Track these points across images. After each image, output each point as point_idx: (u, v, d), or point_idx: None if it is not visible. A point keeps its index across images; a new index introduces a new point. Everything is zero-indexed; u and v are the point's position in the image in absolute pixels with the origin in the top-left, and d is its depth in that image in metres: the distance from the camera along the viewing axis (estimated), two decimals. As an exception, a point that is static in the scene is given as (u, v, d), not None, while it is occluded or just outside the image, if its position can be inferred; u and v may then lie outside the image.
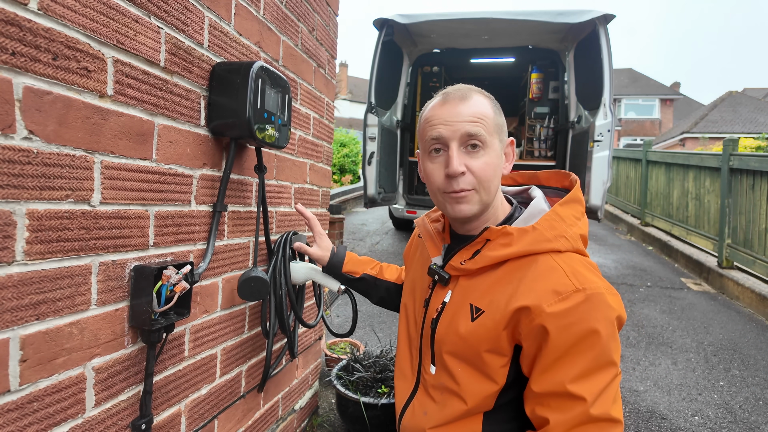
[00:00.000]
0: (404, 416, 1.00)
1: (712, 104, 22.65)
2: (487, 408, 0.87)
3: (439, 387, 0.92)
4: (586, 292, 0.76)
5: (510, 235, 0.84)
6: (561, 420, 0.76)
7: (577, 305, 0.75)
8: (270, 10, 1.39)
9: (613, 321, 0.77)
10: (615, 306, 0.78)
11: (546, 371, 0.78)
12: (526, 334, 0.79)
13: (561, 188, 0.99)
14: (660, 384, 2.76)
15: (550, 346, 0.76)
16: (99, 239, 0.82)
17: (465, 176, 0.85)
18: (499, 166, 0.88)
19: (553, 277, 0.79)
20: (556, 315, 0.76)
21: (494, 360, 0.84)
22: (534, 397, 0.80)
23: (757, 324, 3.84)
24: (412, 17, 4.57)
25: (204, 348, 1.18)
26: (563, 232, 0.84)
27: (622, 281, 4.93)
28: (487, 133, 0.85)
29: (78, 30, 0.75)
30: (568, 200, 0.89)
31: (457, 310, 0.89)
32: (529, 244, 0.83)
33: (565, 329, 0.75)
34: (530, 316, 0.78)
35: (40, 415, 0.74)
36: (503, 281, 0.84)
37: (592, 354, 0.75)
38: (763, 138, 13.13)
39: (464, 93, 0.87)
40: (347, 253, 1.31)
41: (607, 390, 0.76)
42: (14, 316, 0.68)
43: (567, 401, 0.76)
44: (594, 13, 4.12)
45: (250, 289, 1.24)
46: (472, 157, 0.85)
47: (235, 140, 1.16)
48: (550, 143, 5.83)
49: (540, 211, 0.89)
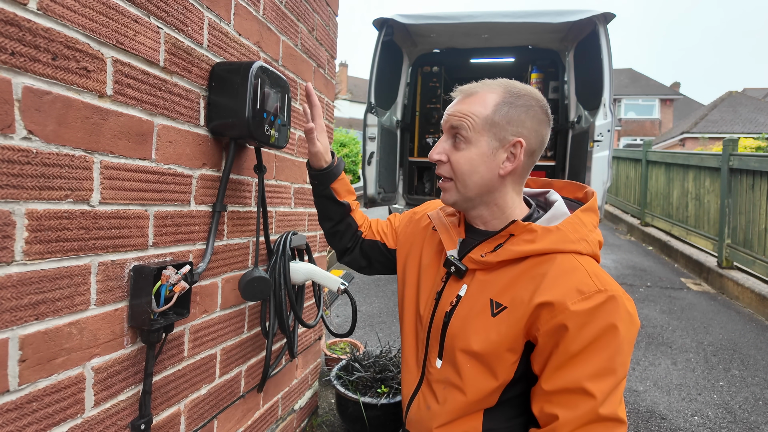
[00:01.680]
0: (411, 409, 1.01)
1: (712, 104, 22.65)
2: (490, 404, 0.88)
3: (442, 381, 0.93)
4: (608, 293, 0.78)
5: (534, 232, 0.85)
6: (570, 417, 0.77)
7: (599, 305, 0.77)
8: (269, 10, 1.38)
9: (630, 324, 0.78)
10: (631, 309, 0.79)
11: (560, 368, 0.79)
12: (545, 330, 0.80)
13: (574, 199, 1.00)
14: (660, 384, 2.76)
15: (568, 344, 0.77)
16: (98, 239, 0.82)
17: (445, 165, 0.91)
18: (482, 164, 0.88)
19: (576, 276, 0.80)
20: (579, 314, 0.77)
21: (510, 357, 0.85)
22: (543, 395, 0.81)
23: (756, 324, 3.84)
24: (412, 17, 4.56)
25: (203, 348, 1.18)
26: (585, 236, 0.86)
27: (622, 281, 4.93)
28: (472, 130, 0.87)
29: (77, 30, 0.75)
30: (587, 209, 0.92)
31: (473, 304, 0.89)
32: (553, 243, 0.84)
33: (585, 327, 0.77)
34: (552, 312, 0.79)
35: (40, 415, 0.74)
36: (525, 277, 0.85)
37: (608, 352, 0.76)
38: (763, 138, 13.13)
39: (469, 90, 0.91)
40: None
41: (616, 391, 0.77)
42: (13, 316, 0.68)
43: (578, 398, 0.77)
44: (594, 12, 4.11)
45: (253, 290, 1.23)
46: (455, 149, 0.90)
47: (234, 140, 1.16)
48: (550, 143, 5.83)
49: (563, 214, 0.91)
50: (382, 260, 1.20)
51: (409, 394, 1.02)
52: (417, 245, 1.10)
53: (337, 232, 1.22)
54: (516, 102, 0.89)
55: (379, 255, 1.20)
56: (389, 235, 1.21)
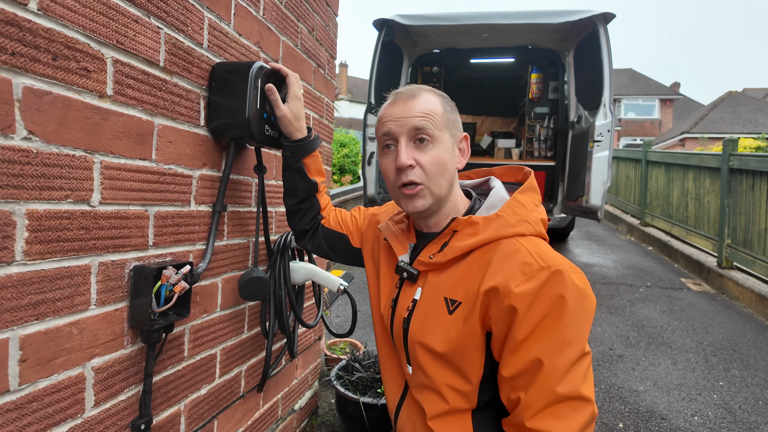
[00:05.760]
0: (400, 416, 1.00)
1: (711, 104, 22.65)
2: (472, 406, 0.87)
3: (419, 386, 0.92)
4: (551, 269, 0.78)
5: (476, 224, 0.86)
6: (531, 398, 0.76)
7: (543, 282, 0.77)
8: (270, 11, 1.39)
9: (578, 295, 0.77)
10: (579, 283, 0.78)
11: (516, 351, 0.78)
12: (496, 316, 0.80)
13: (515, 182, 1.01)
14: (660, 384, 2.77)
15: (519, 326, 0.77)
16: (98, 239, 0.82)
17: (414, 169, 0.88)
18: (449, 160, 0.91)
19: (518, 257, 0.81)
20: (524, 295, 0.77)
21: (474, 352, 0.84)
22: (505, 382, 0.80)
23: (756, 324, 3.84)
24: (411, 18, 4.57)
25: (203, 348, 1.18)
26: (526, 217, 0.87)
27: (622, 281, 4.93)
28: (436, 128, 0.89)
29: (78, 30, 0.75)
30: (526, 189, 0.92)
31: (429, 306, 0.89)
32: (495, 231, 0.85)
33: (532, 306, 0.77)
34: (499, 297, 0.79)
35: (40, 415, 0.74)
36: (473, 269, 0.85)
37: (560, 326, 0.76)
38: (763, 138, 13.14)
39: (413, 92, 0.92)
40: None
41: (577, 367, 0.76)
42: (14, 316, 0.69)
43: (535, 376, 0.76)
44: (593, 12, 4.12)
45: (251, 290, 1.24)
46: (420, 151, 0.88)
47: (234, 140, 1.16)
48: (550, 143, 5.84)
49: (501, 199, 0.92)
50: (346, 255, 1.20)
51: (396, 402, 1.01)
52: (376, 250, 1.10)
53: (299, 210, 1.21)
54: (448, 102, 0.94)
55: (344, 248, 1.20)
56: (355, 233, 1.19)
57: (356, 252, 1.18)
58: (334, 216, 1.23)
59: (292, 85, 1.17)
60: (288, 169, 1.18)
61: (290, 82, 1.17)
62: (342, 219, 1.22)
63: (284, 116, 1.13)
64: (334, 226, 1.21)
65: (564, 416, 0.74)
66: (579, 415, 0.75)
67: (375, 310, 1.05)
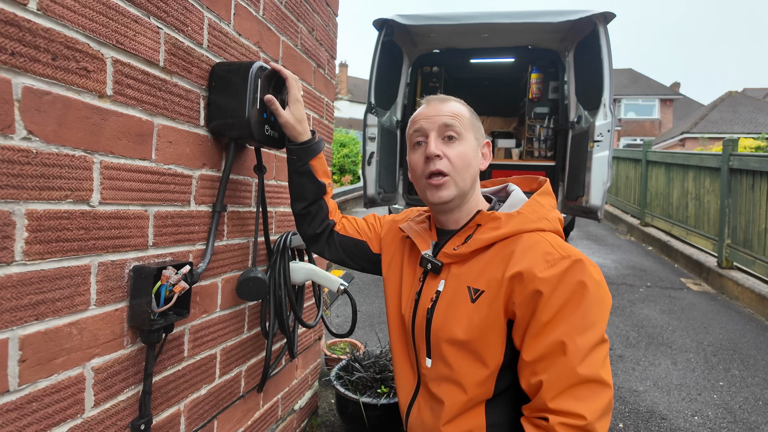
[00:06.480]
0: (411, 414, 1.02)
1: (711, 104, 22.64)
2: (488, 395, 0.90)
3: (437, 378, 0.95)
4: (572, 259, 0.84)
5: (499, 219, 0.93)
6: (552, 378, 0.79)
7: (565, 269, 0.83)
8: (269, 11, 1.39)
9: (598, 284, 0.83)
10: (597, 276, 0.84)
11: (538, 335, 0.82)
12: (521, 300, 0.84)
13: (530, 191, 1.07)
14: (660, 384, 2.76)
15: (542, 308, 0.82)
16: (98, 239, 0.82)
17: (442, 160, 0.95)
18: (473, 158, 0.97)
19: (540, 247, 0.87)
20: (548, 279, 0.82)
21: (495, 338, 0.88)
22: (527, 366, 0.84)
23: (756, 324, 3.84)
24: (411, 18, 4.57)
25: (203, 348, 1.18)
26: (545, 215, 0.94)
27: (622, 281, 4.93)
28: (463, 128, 0.96)
29: (77, 30, 0.75)
30: (543, 192, 1.00)
31: (453, 295, 0.93)
32: (517, 225, 0.91)
33: (555, 290, 0.82)
34: (523, 282, 0.84)
35: (40, 415, 0.74)
36: (495, 260, 0.91)
37: (581, 309, 0.80)
38: (763, 138, 13.13)
39: (444, 97, 1.01)
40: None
41: (598, 351, 0.80)
42: (13, 317, 0.68)
43: (557, 357, 0.80)
44: (593, 12, 4.11)
45: (248, 290, 1.24)
46: (448, 147, 0.95)
47: (234, 140, 1.16)
48: (550, 143, 5.83)
49: (521, 200, 1.00)
50: (363, 262, 1.21)
51: (408, 401, 1.04)
52: (398, 252, 1.13)
53: (308, 213, 1.21)
54: (473, 112, 1.02)
55: (361, 254, 1.21)
56: (374, 239, 1.21)
57: (374, 258, 1.20)
58: (349, 223, 1.24)
59: (292, 89, 1.17)
60: (295, 173, 1.18)
61: (290, 85, 1.17)
62: (359, 226, 1.24)
63: (287, 122, 1.15)
64: (351, 233, 1.22)
65: (585, 398, 0.78)
66: (599, 398, 0.78)
67: (393, 312, 1.09)
